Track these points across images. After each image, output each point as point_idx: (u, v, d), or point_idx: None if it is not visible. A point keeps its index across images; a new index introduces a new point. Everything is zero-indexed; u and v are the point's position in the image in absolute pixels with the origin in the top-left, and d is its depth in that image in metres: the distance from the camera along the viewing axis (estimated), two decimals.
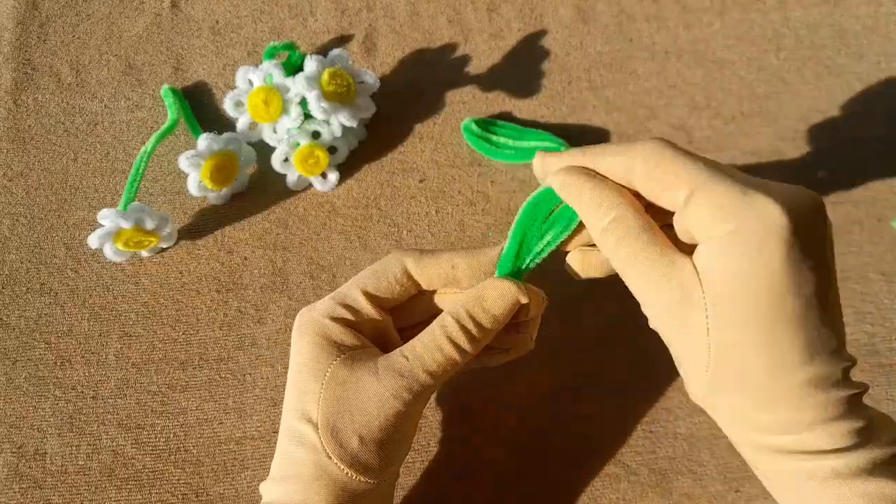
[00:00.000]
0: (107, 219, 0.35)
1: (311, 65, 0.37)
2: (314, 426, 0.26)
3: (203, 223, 0.39)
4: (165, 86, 0.42)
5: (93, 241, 0.36)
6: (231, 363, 0.36)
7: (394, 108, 0.42)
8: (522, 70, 0.43)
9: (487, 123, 0.41)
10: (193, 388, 0.36)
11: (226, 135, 0.38)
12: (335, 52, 0.40)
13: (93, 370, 0.36)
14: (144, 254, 0.38)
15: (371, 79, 0.40)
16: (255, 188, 0.40)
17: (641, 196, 0.26)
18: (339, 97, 0.38)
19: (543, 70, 0.43)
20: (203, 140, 0.37)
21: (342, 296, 0.28)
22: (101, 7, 0.45)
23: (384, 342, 0.29)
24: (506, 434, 0.35)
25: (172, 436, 0.35)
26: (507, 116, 0.42)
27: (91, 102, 0.42)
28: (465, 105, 0.42)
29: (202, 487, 0.34)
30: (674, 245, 0.24)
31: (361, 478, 0.26)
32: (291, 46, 0.41)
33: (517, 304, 0.27)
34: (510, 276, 0.28)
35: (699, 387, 0.24)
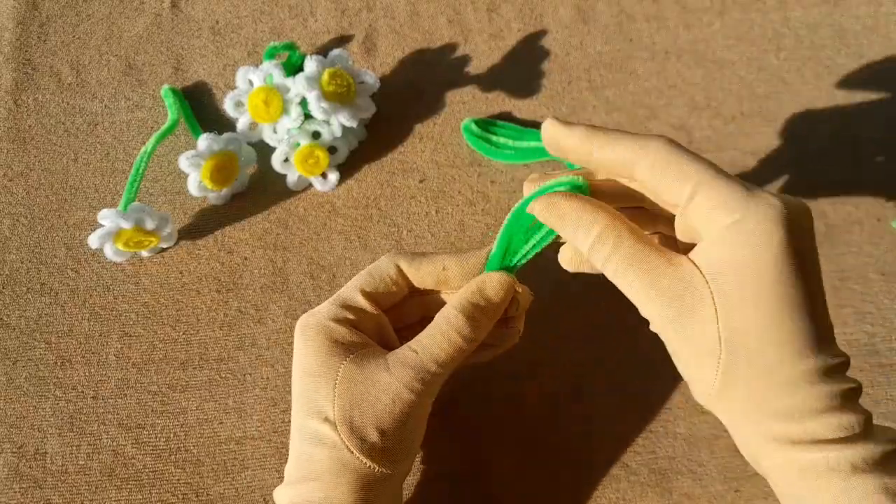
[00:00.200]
0: (107, 219, 0.35)
1: (312, 65, 0.37)
2: (332, 424, 0.27)
3: (203, 223, 0.39)
4: (165, 86, 0.42)
5: (93, 242, 0.36)
6: (231, 363, 0.36)
7: (394, 108, 0.42)
8: (522, 70, 0.43)
9: (487, 123, 0.41)
10: (194, 388, 0.36)
11: (226, 135, 0.38)
12: (335, 53, 0.40)
13: (93, 370, 0.36)
14: (145, 254, 0.38)
15: (371, 79, 0.40)
16: (256, 188, 0.40)
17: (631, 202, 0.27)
18: (339, 97, 0.38)
19: (543, 70, 0.43)
20: (203, 140, 0.37)
21: (342, 298, 0.29)
22: (102, 7, 0.45)
23: (384, 341, 0.30)
24: (506, 434, 0.35)
25: (173, 436, 0.35)
26: (507, 116, 0.42)
27: (91, 102, 0.42)
28: (465, 105, 0.42)
29: (202, 487, 0.34)
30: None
31: (383, 469, 0.27)
32: (291, 46, 0.41)
33: (512, 293, 0.29)
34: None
35: (707, 385, 0.24)
